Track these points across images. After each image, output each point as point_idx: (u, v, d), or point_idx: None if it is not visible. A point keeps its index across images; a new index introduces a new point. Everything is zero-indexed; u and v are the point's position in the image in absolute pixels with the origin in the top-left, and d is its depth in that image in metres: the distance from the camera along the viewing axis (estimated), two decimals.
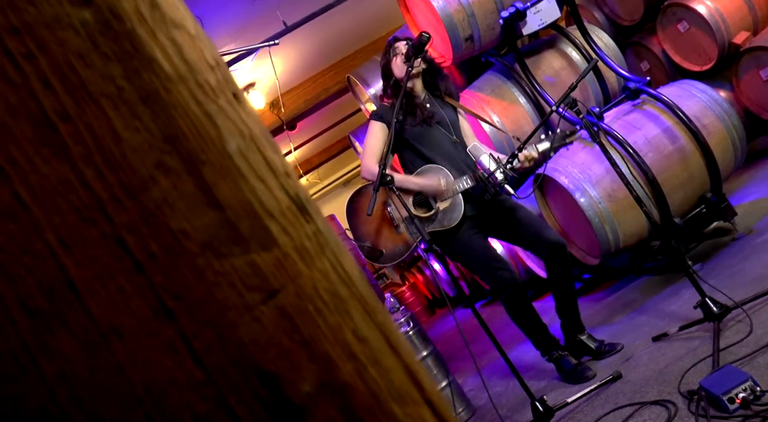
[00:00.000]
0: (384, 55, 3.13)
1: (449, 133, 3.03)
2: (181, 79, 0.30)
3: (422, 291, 9.48)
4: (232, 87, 0.33)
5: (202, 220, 0.28)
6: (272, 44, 3.99)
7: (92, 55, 0.28)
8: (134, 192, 0.27)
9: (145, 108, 0.29)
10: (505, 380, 3.68)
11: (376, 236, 3.01)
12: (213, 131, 0.30)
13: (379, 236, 3.01)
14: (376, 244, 3.00)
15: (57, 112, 0.27)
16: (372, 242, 3.00)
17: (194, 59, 0.31)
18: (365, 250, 3.01)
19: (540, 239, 2.94)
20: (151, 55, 0.29)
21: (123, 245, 0.28)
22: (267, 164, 0.31)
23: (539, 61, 4.03)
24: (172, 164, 0.28)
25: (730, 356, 2.24)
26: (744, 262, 3.06)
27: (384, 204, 3.01)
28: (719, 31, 4.46)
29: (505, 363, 2.70)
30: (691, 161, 3.38)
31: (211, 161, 0.29)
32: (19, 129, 0.27)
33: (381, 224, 3.01)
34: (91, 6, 0.29)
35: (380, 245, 3.00)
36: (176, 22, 0.31)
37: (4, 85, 0.27)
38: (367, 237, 3.01)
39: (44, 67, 0.27)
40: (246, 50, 4.34)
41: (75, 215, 0.27)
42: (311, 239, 0.31)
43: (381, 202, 2.99)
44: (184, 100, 0.30)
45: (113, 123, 0.28)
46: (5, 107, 0.26)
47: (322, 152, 9.73)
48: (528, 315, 3.03)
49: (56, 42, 0.28)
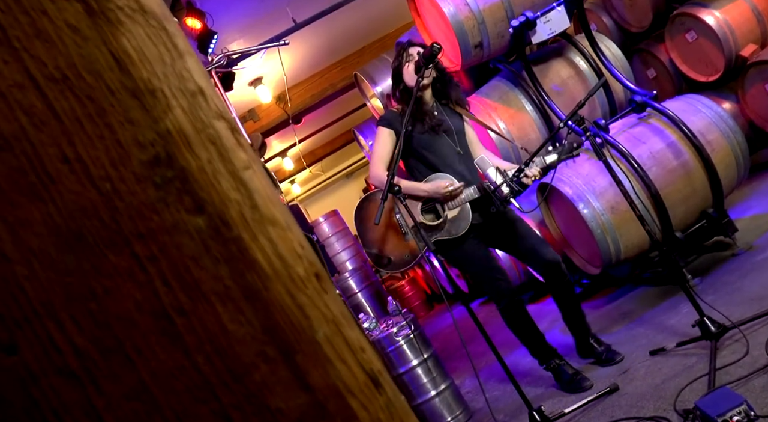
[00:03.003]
0: (396, 58, 3.13)
1: (454, 143, 3.06)
2: (277, 277, 0.34)
3: (421, 286, 9.54)
4: (315, 268, 0.37)
5: (296, 401, 0.33)
6: (282, 44, 4.01)
7: (204, 258, 0.33)
8: (239, 376, 0.32)
9: (248, 304, 0.33)
10: (503, 384, 3.74)
11: (383, 243, 3.05)
12: (304, 321, 0.34)
13: (386, 243, 3.05)
14: (383, 251, 3.04)
15: (174, 307, 0.32)
16: (379, 249, 3.04)
17: (286, 253, 0.35)
18: (372, 256, 3.05)
19: (536, 256, 3.01)
20: (254, 257, 0.34)
21: (230, 421, 0.32)
22: (347, 343, 0.36)
23: (547, 70, 4.06)
24: (270, 353, 0.33)
25: (726, 376, 2.29)
26: (743, 279, 3.11)
27: (392, 211, 3.05)
28: (727, 42, 4.48)
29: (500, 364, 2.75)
30: (695, 177, 3.43)
31: (303, 349, 0.33)
32: (143, 322, 0.31)
33: (389, 231, 3.05)
34: (204, 214, 0.33)
35: (387, 253, 3.04)
36: (271, 219, 0.36)
37: (132, 284, 0.31)
38: (374, 244, 3.05)
39: (164, 269, 0.32)
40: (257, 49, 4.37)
41: (189, 396, 0.31)
42: (384, 410, 0.35)
43: (389, 209, 3.03)
44: (280, 295, 0.34)
45: (221, 317, 0.32)
46: (132, 303, 0.31)
47: (326, 145, 9.76)
48: (525, 325, 3.09)
49: (175, 246, 0.32)
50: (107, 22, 0.33)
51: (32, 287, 0.30)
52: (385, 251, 3.05)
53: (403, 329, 3.59)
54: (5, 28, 0.30)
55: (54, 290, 0.30)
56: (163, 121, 0.32)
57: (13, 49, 0.30)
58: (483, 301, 7.19)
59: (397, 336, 3.55)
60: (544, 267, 2.99)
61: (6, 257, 0.29)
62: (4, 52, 0.30)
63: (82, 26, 0.32)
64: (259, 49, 4.38)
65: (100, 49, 0.32)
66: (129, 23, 0.34)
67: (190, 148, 0.33)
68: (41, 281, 0.30)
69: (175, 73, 0.34)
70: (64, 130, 0.31)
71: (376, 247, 3.05)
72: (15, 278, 0.30)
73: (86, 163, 0.31)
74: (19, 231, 0.30)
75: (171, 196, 0.32)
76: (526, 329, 3.09)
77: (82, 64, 0.32)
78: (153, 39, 0.34)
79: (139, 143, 0.32)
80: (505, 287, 3.03)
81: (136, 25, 0.34)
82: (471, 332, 4.79)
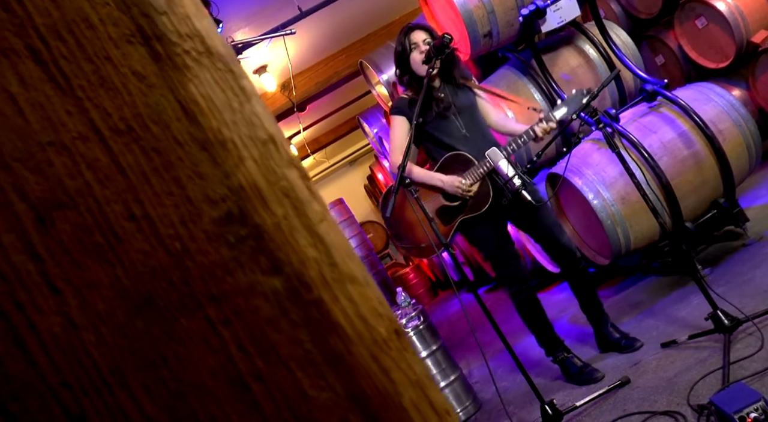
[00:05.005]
0: (399, 44, 3.06)
1: (460, 126, 3.01)
2: (360, 339, 0.32)
3: (426, 273, 9.55)
4: (395, 325, 0.36)
5: None
6: (289, 34, 3.97)
7: (282, 321, 0.31)
8: None
9: (329, 369, 0.31)
10: (512, 374, 3.74)
11: (413, 231, 3.05)
12: (390, 386, 0.33)
13: (416, 231, 3.05)
14: (415, 240, 3.04)
15: (251, 373, 0.30)
16: (411, 238, 3.05)
17: (367, 313, 0.34)
18: (406, 248, 3.07)
19: (552, 238, 3.00)
20: (335, 320, 0.32)
21: None
22: (432, 407, 0.34)
23: (556, 58, 4.02)
24: (354, 420, 0.31)
25: (741, 370, 2.28)
26: (755, 270, 3.09)
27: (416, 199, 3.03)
28: (738, 29, 4.42)
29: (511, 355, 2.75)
30: (706, 167, 3.40)
31: (389, 416, 0.32)
32: (218, 389, 0.29)
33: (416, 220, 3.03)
34: (281, 275, 0.31)
35: (419, 240, 3.04)
36: (351, 277, 0.34)
37: (205, 350, 0.29)
38: (405, 235, 3.06)
39: (240, 333, 0.30)
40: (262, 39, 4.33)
41: None
42: None
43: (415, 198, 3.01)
44: (363, 359, 0.32)
45: (301, 383, 0.31)
46: (206, 369, 0.29)
47: (330, 132, 9.72)
48: (535, 313, 3.09)
49: (250, 309, 0.30)
50: (173, 68, 0.31)
51: (100, 354, 0.28)
52: (417, 240, 3.05)
53: (412, 320, 3.59)
54: (69, 76, 0.28)
55: (123, 357, 0.28)
56: (235, 175, 0.31)
57: (77, 99, 0.28)
58: (489, 288, 7.19)
59: (405, 328, 3.54)
60: (559, 251, 2.99)
61: (73, 323, 0.28)
62: (68, 103, 0.28)
63: (148, 73, 0.30)
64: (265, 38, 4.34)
65: (167, 97, 0.30)
66: (196, 68, 0.31)
67: (265, 203, 0.31)
68: (110, 347, 0.28)
69: (245, 121, 0.32)
70: (129, 185, 0.29)
71: (408, 238, 3.06)
72: (82, 345, 0.28)
73: (154, 221, 0.29)
74: (85, 295, 0.28)
75: (245, 256, 0.30)
76: (535, 317, 3.10)
77: (147, 114, 0.30)
78: (220, 83, 0.32)
79: (210, 199, 0.30)
80: (518, 273, 3.03)
81: (203, 69, 0.32)
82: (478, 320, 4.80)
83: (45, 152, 0.27)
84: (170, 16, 0.30)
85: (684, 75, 5.06)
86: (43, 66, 0.28)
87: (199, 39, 0.31)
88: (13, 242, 0.26)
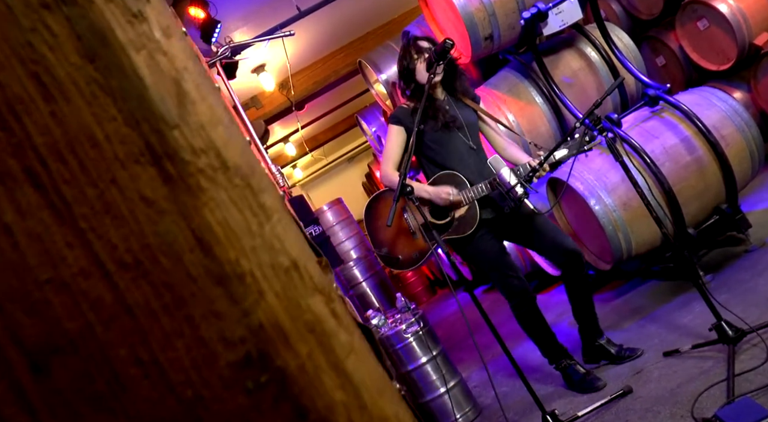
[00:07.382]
0: (406, 55, 3.01)
1: (467, 138, 3.01)
2: None
3: (423, 271, 9.52)
4: None
5: None
6: (288, 35, 3.93)
7: None
8: None
9: None
10: (511, 379, 3.72)
11: (393, 242, 3.02)
12: None
13: (396, 242, 3.02)
14: (393, 251, 3.01)
15: None
16: (389, 248, 3.02)
17: None
18: (383, 256, 3.03)
19: (557, 247, 2.96)
20: None
21: None
22: None
23: (557, 61, 3.98)
24: None
25: (746, 383, 2.25)
26: (757, 278, 3.07)
27: (401, 210, 3.01)
28: (740, 31, 4.39)
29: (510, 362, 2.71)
30: (708, 172, 3.37)
31: None
32: None
33: (398, 230, 3.02)
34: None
35: (397, 252, 3.01)
36: (382, 419, 0.31)
37: None
38: (384, 243, 3.03)
39: None
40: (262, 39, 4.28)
41: None
42: None
43: (398, 208, 2.99)
44: None
45: None
46: None
47: (328, 130, 9.67)
48: (536, 324, 3.06)
49: None
50: (186, 191, 0.27)
51: None
52: (395, 251, 3.02)
53: (412, 325, 3.56)
54: (70, 203, 0.25)
55: None
56: (255, 312, 0.27)
57: (78, 230, 0.25)
58: (487, 288, 7.16)
59: (406, 333, 3.52)
60: (566, 256, 2.93)
61: None
62: (69, 234, 0.25)
63: (158, 197, 0.27)
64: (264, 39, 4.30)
65: (179, 224, 0.27)
66: (211, 189, 0.28)
67: (287, 342, 0.28)
68: None
69: (265, 245, 0.29)
70: (137, 326, 0.26)
71: (386, 246, 3.02)
72: None
73: (163, 366, 0.26)
74: None
75: (266, 403, 0.27)
76: (537, 328, 3.07)
77: (157, 245, 0.27)
78: (238, 203, 0.29)
79: (227, 340, 0.27)
80: (517, 285, 2.99)
81: (219, 189, 0.29)
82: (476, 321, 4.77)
83: (42, 291, 0.24)
84: (182, 129, 0.26)
85: (685, 77, 5.03)
86: (42, 191, 0.25)
87: (215, 152, 0.28)
88: (3, 393, 0.23)
